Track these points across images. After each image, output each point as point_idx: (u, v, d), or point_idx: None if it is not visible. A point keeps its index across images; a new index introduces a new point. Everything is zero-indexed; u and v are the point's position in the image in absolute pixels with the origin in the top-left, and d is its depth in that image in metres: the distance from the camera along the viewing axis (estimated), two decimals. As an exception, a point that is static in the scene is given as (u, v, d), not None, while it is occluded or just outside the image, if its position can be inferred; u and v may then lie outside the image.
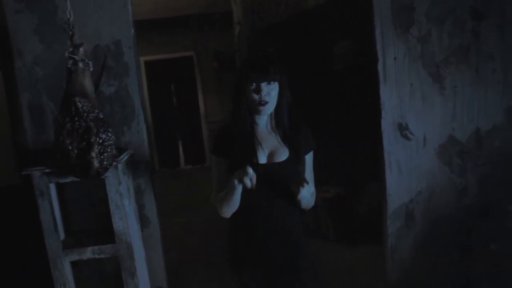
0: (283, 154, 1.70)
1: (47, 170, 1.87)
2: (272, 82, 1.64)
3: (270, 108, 1.67)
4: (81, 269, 2.15)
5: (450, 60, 2.28)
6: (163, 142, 7.91)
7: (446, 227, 2.42)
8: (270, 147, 1.71)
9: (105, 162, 1.76)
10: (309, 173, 1.77)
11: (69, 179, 1.87)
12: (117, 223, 1.91)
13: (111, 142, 1.77)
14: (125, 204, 1.91)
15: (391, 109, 2.28)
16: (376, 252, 3.10)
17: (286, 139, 1.72)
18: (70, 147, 1.73)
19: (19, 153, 2.14)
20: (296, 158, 1.72)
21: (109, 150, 1.76)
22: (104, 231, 2.01)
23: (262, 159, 1.69)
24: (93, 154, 1.73)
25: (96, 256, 1.96)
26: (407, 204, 2.38)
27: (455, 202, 2.41)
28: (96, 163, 1.74)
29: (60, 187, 1.99)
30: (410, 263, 2.45)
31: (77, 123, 1.73)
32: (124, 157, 1.94)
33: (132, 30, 2.12)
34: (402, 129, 2.31)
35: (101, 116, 1.78)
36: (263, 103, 1.63)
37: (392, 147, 2.32)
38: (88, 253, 1.96)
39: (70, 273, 1.97)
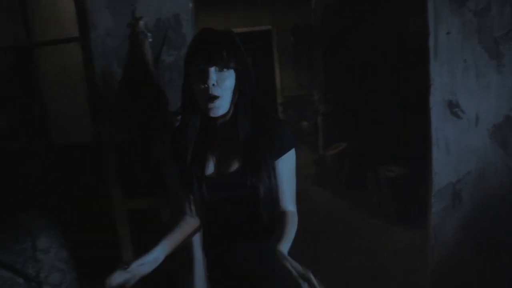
0: (235, 163, 1.32)
1: (113, 129, 2.14)
2: (225, 70, 1.24)
3: (222, 105, 1.26)
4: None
5: (510, 36, 2.16)
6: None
7: (497, 210, 2.35)
8: (223, 154, 1.35)
9: (158, 123, 1.99)
10: (286, 184, 1.34)
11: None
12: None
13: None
14: (176, 163, 2.13)
15: (441, 86, 2.23)
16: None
17: (245, 144, 1.31)
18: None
19: (93, 114, 2.45)
20: (255, 168, 1.28)
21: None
22: (159, 185, 2.27)
23: (210, 170, 1.34)
24: (149, 116, 1.96)
25: (152, 206, 2.23)
26: (454, 184, 2.34)
27: (509, 185, 2.32)
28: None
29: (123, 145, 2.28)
30: (454, 244, 2.41)
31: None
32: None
33: (190, 4, 2.30)
34: (452, 106, 2.25)
35: (157, 82, 2.00)
36: (211, 97, 1.23)
37: (441, 125, 2.28)
38: (145, 203, 2.23)
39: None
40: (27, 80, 2.58)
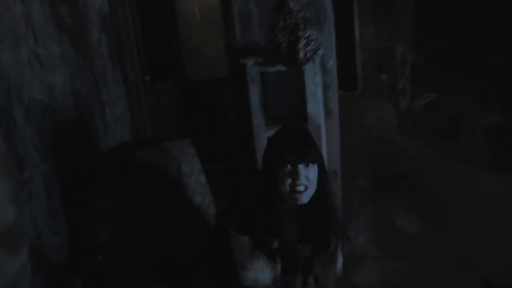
0: (306, 235, 1.54)
1: (259, 60, 2.33)
2: (310, 164, 1.41)
3: (308, 194, 1.44)
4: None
5: None
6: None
7: None
8: (295, 226, 1.53)
9: (308, 54, 2.16)
10: None
11: (275, 68, 2.30)
12: (311, 108, 2.32)
13: (313, 38, 2.16)
14: (318, 92, 2.31)
15: None
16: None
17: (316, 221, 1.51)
18: (281, 40, 2.17)
19: (230, 51, 2.67)
20: (326, 242, 1.53)
21: (312, 44, 2.16)
22: (297, 116, 2.45)
23: (284, 243, 1.52)
24: (300, 46, 2.14)
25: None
26: None
27: None
28: (301, 54, 2.15)
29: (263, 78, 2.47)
30: None
31: (288, 20, 2.14)
32: (321, 52, 2.31)
33: None
34: None
35: (307, 16, 2.16)
36: (300, 190, 1.41)
37: None
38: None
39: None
40: (168, 23, 2.82)
